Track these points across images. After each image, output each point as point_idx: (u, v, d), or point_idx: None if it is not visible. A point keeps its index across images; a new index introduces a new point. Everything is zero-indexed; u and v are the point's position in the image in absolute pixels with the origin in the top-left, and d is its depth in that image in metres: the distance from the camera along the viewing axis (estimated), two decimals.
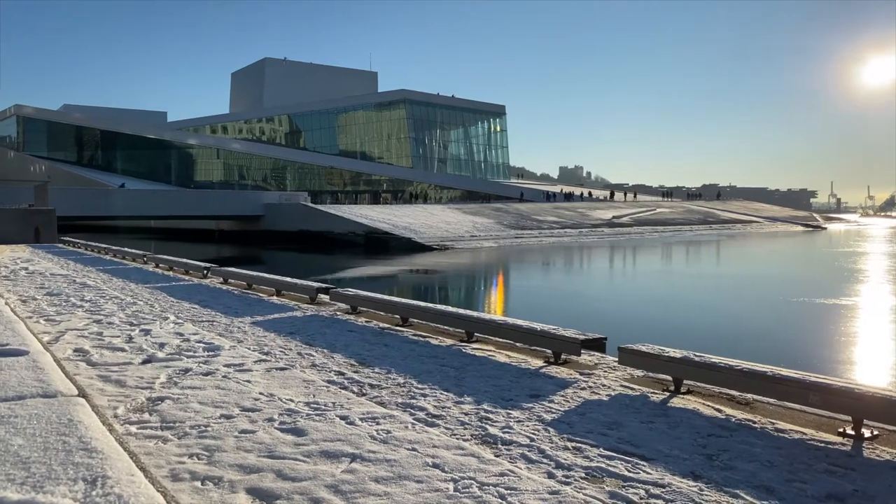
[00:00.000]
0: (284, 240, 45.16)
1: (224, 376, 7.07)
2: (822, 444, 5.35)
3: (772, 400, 6.39)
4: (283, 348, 9.11)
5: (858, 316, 15.86)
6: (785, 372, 6.18)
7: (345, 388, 7.02)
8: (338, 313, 12.21)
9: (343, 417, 5.67)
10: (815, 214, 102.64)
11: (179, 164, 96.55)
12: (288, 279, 15.28)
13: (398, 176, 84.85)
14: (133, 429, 5.38)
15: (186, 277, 18.62)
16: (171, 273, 19.83)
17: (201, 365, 7.57)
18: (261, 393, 6.42)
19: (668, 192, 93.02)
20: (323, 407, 5.99)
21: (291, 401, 6.18)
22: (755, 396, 6.54)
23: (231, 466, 4.57)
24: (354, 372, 7.78)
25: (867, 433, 5.52)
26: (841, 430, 5.64)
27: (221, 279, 17.63)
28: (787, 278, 26.11)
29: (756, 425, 5.83)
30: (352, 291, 12.82)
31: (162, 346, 8.61)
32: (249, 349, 8.84)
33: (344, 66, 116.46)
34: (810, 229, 76.35)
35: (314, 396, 6.36)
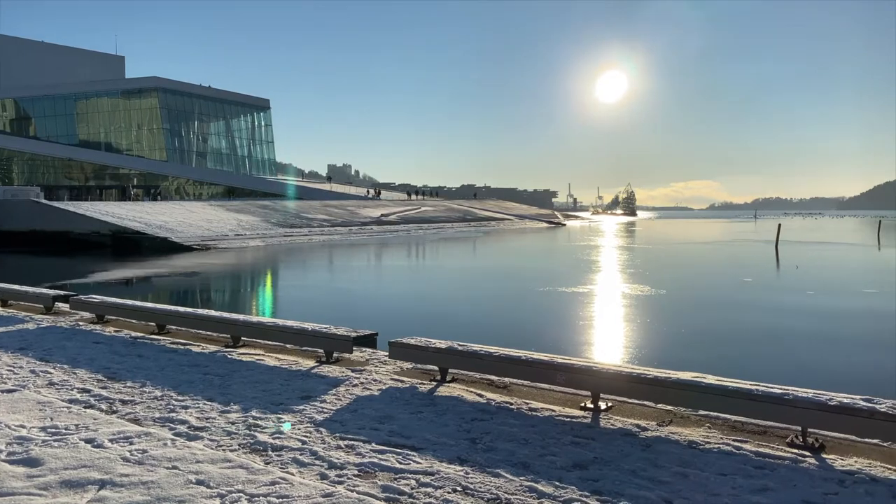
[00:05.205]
0: (12, 241, 39.25)
1: None
2: (568, 419, 5.96)
3: (526, 382, 6.99)
4: (11, 367, 7.90)
5: (594, 301, 18.01)
6: (536, 355, 6.79)
7: (90, 406, 6.28)
8: (80, 323, 10.91)
9: (89, 440, 5.07)
10: (556, 213, 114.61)
11: None
12: (16, 287, 13.35)
13: (151, 170, 78.12)
14: None
15: None
16: None
17: None
18: None
19: (418, 191, 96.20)
20: (64, 431, 5.30)
21: (23, 427, 5.39)
22: (512, 380, 7.10)
23: None
24: (102, 388, 7.00)
25: (603, 405, 6.27)
26: (583, 404, 6.34)
27: None
28: (534, 270, 28.79)
29: (513, 406, 6.32)
30: (97, 298, 11.53)
31: None
32: None
33: (84, 47, 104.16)
34: (553, 225, 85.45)
35: (52, 420, 5.61)
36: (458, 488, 4.45)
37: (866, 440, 5.27)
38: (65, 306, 12.07)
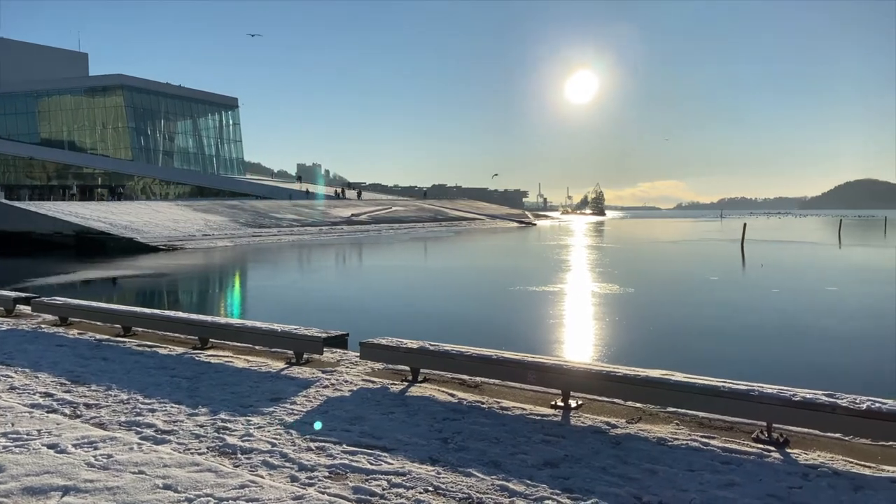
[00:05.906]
0: None
1: None
2: (539, 417, 6.00)
3: (497, 381, 7.01)
4: None
5: (564, 300, 18.14)
6: (507, 354, 6.82)
7: (53, 411, 6.14)
8: (42, 326, 10.66)
9: (52, 446, 4.95)
10: (526, 212, 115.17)
11: None
12: None
13: (116, 169, 76.59)
14: None
15: None
16: None
17: None
18: None
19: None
20: (25, 436, 5.18)
21: None
22: (483, 379, 7.12)
23: None
24: (66, 392, 6.85)
25: (574, 403, 6.32)
26: (553, 402, 6.38)
27: None
28: (505, 269, 28.91)
29: (484, 406, 6.34)
30: (60, 300, 11.28)
31: None
32: None
33: (46, 43, 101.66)
34: (523, 225, 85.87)
35: (13, 425, 5.47)
36: (430, 488, 4.44)
37: (829, 434, 5.40)
38: (26, 308, 11.78)
